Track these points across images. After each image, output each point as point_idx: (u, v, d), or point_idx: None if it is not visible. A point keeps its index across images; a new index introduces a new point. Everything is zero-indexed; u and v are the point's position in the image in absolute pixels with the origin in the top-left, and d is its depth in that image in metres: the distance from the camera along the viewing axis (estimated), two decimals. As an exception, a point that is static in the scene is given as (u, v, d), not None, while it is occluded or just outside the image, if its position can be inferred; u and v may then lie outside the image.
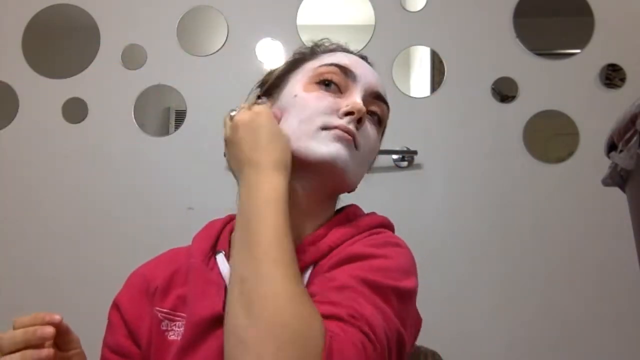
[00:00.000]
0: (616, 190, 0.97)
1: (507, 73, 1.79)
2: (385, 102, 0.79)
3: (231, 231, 0.79)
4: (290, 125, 0.72)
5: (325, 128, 0.71)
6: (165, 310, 0.72)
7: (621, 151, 0.90)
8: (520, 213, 1.74)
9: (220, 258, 0.74)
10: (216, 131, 0.97)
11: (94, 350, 0.77)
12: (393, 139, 1.77)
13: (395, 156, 1.76)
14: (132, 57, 1.86)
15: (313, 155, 0.70)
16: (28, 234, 1.79)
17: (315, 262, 0.69)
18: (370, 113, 0.76)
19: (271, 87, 0.80)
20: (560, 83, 1.78)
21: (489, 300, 1.70)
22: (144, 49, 1.86)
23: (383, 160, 1.75)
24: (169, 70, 1.85)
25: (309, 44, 0.83)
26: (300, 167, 0.70)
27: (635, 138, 0.86)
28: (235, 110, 0.73)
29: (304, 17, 1.84)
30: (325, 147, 0.70)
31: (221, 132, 0.74)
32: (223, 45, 1.85)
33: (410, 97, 1.81)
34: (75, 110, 1.84)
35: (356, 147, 0.72)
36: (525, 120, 1.77)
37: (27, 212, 1.81)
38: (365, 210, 0.81)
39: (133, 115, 1.84)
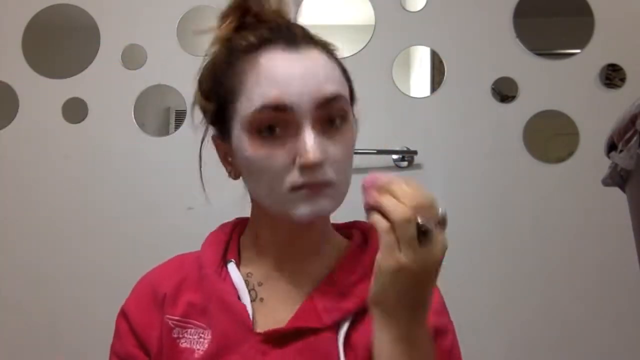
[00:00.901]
0: (616, 190, 0.98)
1: (507, 73, 1.79)
2: (338, 95, 0.65)
3: (239, 237, 0.78)
4: (260, 192, 0.68)
5: (293, 189, 0.64)
6: (176, 317, 0.71)
7: (621, 151, 0.90)
8: (520, 213, 1.74)
9: (231, 267, 0.73)
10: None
11: (94, 350, 0.77)
12: (393, 139, 1.77)
13: (395, 156, 1.76)
14: (132, 57, 1.85)
15: (296, 219, 0.66)
16: (28, 234, 1.79)
17: (358, 312, 0.68)
18: (329, 122, 0.66)
19: (216, 118, 0.73)
20: (560, 83, 1.78)
21: (489, 300, 1.70)
22: (144, 49, 1.86)
23: (383, 160, 1.75)
24: (169, 70, 1.85)
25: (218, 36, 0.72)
26: (287, 222, 0.67)
27: (635, 138, 0.86)
28: (430, 232, 0.55)
29: (303, 17, 1.84)
30: (301, 210, 0.65)
31: None
32: (223, 45, 1.85)
33: (410, 97, 1.81)
34: (75, 110, 1.84)
35: (328, 184, 0.65)
36: (525, 120, 1.77)
37: (27, 212, 1.81)
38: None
39: (133, 115, 1.83)
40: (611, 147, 0.95)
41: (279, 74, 0.64)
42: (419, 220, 0.55)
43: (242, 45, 0.68)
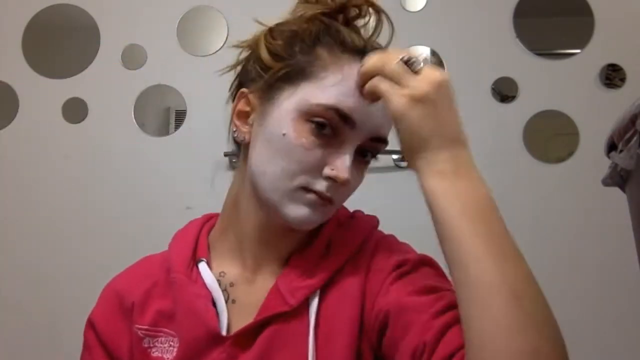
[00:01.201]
0: (616, 190, 0.97)
1: (507, 73, 1.79)
2: (385, 141, 0.68)
3: (208, 233, 0.76)
4: (274, 170, 0.64)
5: (304, 188, 0.64)
6: (144, 327, 0.69)
7: (621, 151, 0.90)
8: (520, 213, 1.74)
9: (203, 267, 0.70)
10: (216, 131, 0.97)
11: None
12: (393, 138, 1.77)
13: (395, 156, 1.76)
14: (132, 57, 1.86)
15: (283, 215, 0.65)
16: (28, 234, 1.79)
17: (325, 285, 0.67)
18: (367, 150, 0.67)
19: (269, 78, 0.67)
20: (560, 83, 1.78)
21: (489, 300, 1.70)
22: (144, 49, 1.86)
23: (383, 160, 1.75)
24: (169, 70, 1.85)
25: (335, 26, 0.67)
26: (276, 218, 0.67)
27: (635, 138, 0.86)
28: (415, 60, 0.57)
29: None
30: (296, 211, 0.64)
31: (222, 130, 0.72)
32: (223, 45, 1.85)
33: (410, 97, 1.81)
34: (75, 110, 1.84)
35: (332, 202, 0.66)
36: (525, 120, 1.77)
37: (27, 212, 1.81)
38: (366, 211, 0.80)
39: (133, 115, 1.84)
40: (611, 147, 0.95)
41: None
42: (399, 58, 0.57)
43: (340, 38, 0.66)
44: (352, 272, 0.67)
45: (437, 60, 1.83)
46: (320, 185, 0.64)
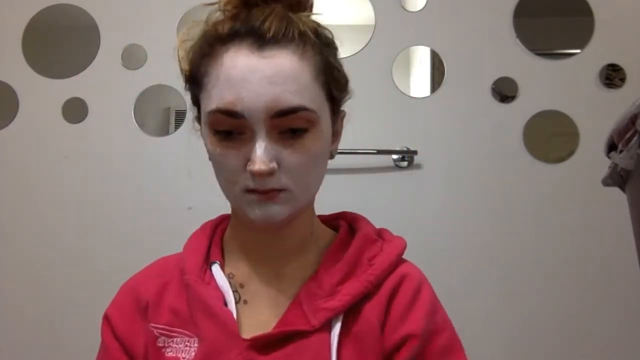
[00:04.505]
0: (616, 190, 0.98)
1: (507, 73, 1.79)
2: (296, 108, 0.62)
3: (222, 236, 0.76)
4: (221, 186, 0.69)
5: (246, 191, 0.64)
6: (160, 326, 0.69)
7: (621, 151, 0.90)
8: (520, 213, 1.74)
9: (216, 269, 0.71)
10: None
11: (93, 350, 0.77)
12: (393, 139, 1.77)
13: (395, 156, 1.76)
14: (132, 57, 1.85)
15: (249, 218, 0.66)
16: (27, 233, 1.79)
17: (350, 308, 0.67)
18: (290, 131, 0.64)
19: (193, 102, 0.73)
20: (560, 83, 1.78)
21: (489, 300, 1.70)
22: (144, 49, 1.86)
23: (383, 160, 1.75)
24: (169, 70, 1.84)
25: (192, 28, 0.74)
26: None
27: (635, 138, 0.86)
28: None
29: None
30: (254, 213, 0.65)
31: None
32: (223, 45, 1.85)
33: (410, 97, 1.81)
34: (75, 110, 1.84)
35: (283, 190, 0.64)
36: (525, 120, 1.77)
37: (26, 212, 1.81)
38: (366, 211, 0.80)
39: (133, 115, 1.84)
40: (611, 147, 0.95)
41: (237, 78, 0.62)
42: None
43: (213, 35, 0.67)
44: (374, 302, 0.68)
45: (437, 60, 1.83)
46: (252, 183, 0.63)
